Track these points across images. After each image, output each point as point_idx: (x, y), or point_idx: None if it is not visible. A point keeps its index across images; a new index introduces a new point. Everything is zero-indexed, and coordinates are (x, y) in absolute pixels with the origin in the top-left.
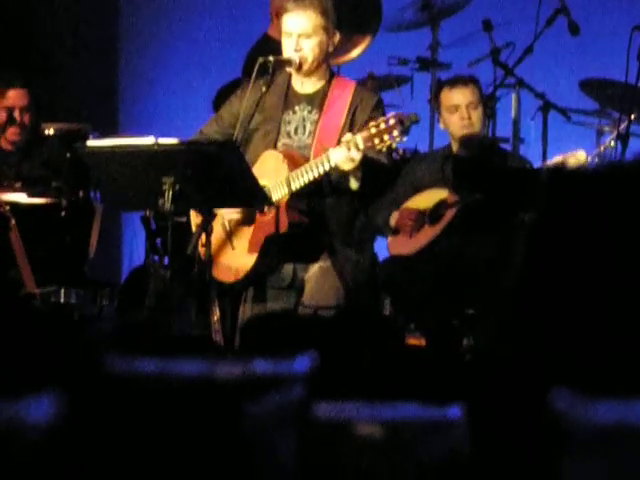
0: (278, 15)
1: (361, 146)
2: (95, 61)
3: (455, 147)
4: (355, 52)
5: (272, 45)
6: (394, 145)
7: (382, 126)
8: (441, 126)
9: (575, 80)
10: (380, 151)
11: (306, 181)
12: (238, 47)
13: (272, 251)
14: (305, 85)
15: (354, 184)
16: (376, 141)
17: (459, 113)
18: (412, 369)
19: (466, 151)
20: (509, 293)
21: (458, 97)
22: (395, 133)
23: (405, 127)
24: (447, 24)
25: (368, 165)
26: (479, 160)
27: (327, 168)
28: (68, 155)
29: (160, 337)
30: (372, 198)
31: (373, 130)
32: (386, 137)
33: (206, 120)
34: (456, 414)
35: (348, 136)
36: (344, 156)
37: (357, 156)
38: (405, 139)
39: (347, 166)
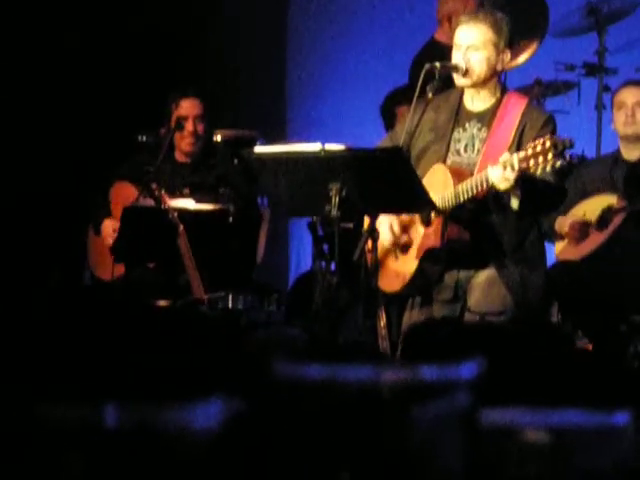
0: (449, 20)
1: (516, 167)
2: (263, 69)
3: (623, 151)
4: (522, 58)
5: (439, 49)
6: (548, 168)
7: (538, 148)
8: (613, 127)
9: None
10: (547, 170)
11: (467, 197)
12: (403, 52)
13: (433, 261)
14: (476, 102)
15: (514, 203)
16: (531, 162)
17: (624, 110)
18: (579, 375)
19: (635, 154)
20: None
21: (626, 95)
22: (549, 156)
23: (559, 151)
24: (614, 29)
25: (532, 184)
26: None
27: (484, 186)
28: (236, 162)
29: (327, 343)
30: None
31: (530, 151)
32: (540, 159)
33: (373, 125)
34: (623, 421)
35: (506, 155)
36: (500, 175)
37: (511, 176)
38: (559, 163)
39: (502, 185)
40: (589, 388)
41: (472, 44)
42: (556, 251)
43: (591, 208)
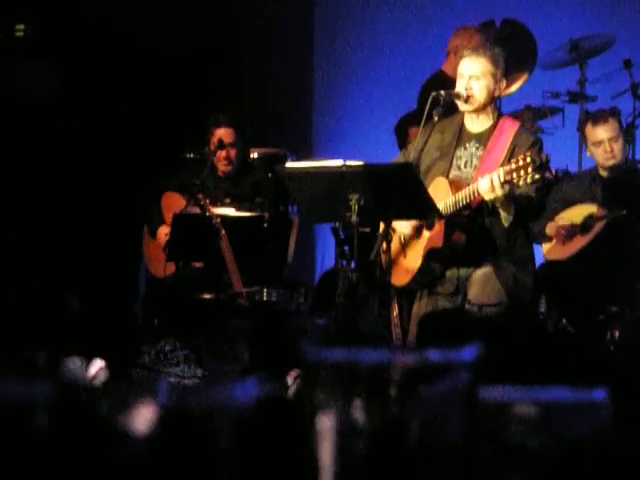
0: (455, 52)
1: (502, 178)
2: (293, 96)
3: (601, 170)
4: (514, 87)
5: (444, 80)
6: (529, 180)
7: (520, 163)
8: (588, 154)
9: None
10: (528, 181)
11: (462, 204)
12: (416, 81)
13: (435, 259)
14: (475, 125)
15: (504, 219)
16: (514, 175)
17: (602, 147)
18: (562, 357)
19: (611, 174)
20: None
21: (601, 133)
22: (529, 169)
23: (537, 165)
24: (593, 62)
25: (517, 201)
26: (623, 180)
27: (476, 195)
28: (270, 175)
29: (348, 330)
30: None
31: (513, 165)
32: (522, 173)
33: (388, 143)
34: (601, 397)
35: (494, 171)
36: (486, 186)
37: (497, 187)
38: (538, 176)
39: (487, 196)
40: (572, 368)
41: (474, 74)
42: (544, 251)
43: (574, 215)
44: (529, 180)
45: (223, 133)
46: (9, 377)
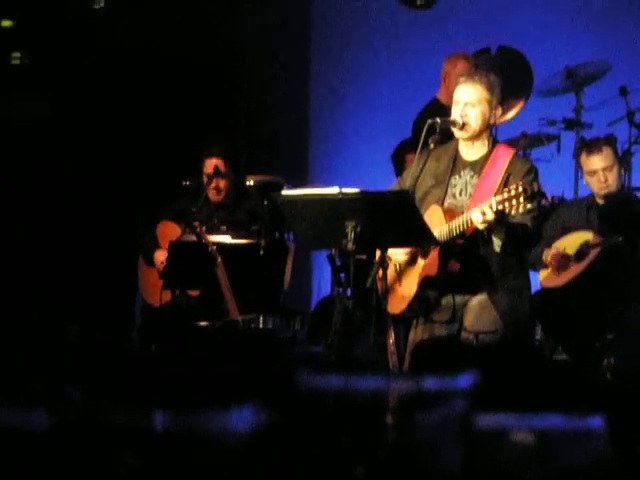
0: (445, 80)
1: (494, 208)
2: (290, 123)
3: (597, 198)
4: (510, 114)
5: (439, 107)
6: (521, 209)
7: (512, 192)
8: (584, 182)
9: None
10: (520, 211)
11: (456, 233)
12: (412, 107)
13: (431, 287)
14: (470, 152)
15: (496, 245)
16: (506, 204)
17: (597, 177)
18: (559, 385)
19: (607, 201)
20: None
21: (595, 163)
22: (521, 199)
23: (528, 194)
24: (589, 90)
25: (512, 229)
26: (618, 208)
27: (469, 224)
28: (266, 203)
29: (344, 358)
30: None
31: (506, 195)
32: (514, 202)
33: (384, 170)
34: (597, 424)
35: (487, 200)
36: (479, 216)
37: (490, 216)
38: (530, 205)
39: (480, 225)
40: (568, 396)
41: (469, 101)
42: (540, 278)
43: (571, 242)
44: (521, 210)
45: (214, 163)
46: (7, 406)
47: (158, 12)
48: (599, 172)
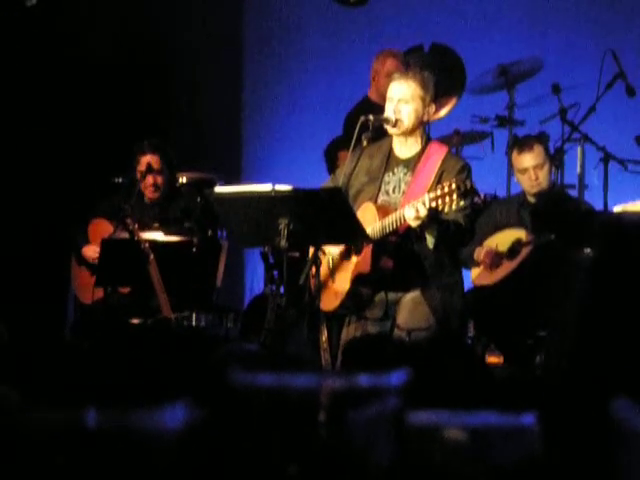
0: (374, 78)
1: (427, 205)
2: (223, 120)
3: (529, 196)
4: (443, 112)
5: (370, 106)
6: (454, 206)
7: (445, 189)
8: (515, 180)
9: (632, 135)
10: (458, 211)
11: (389, 230)
12: (345, 105)
13: (364, 284)
14: (403, 150)
15: (430, 242)
16: (439, 202)
17: (528, 175)
18: (491, 382)
19: (538, 199)
20: (575, 318)
21: (526, 161)
22: (454, 196)
23: (461, 192)
24: (522, 87)
25: (445, 226)
26: (550, 206)
27: (402, 222)
28: (199, 200)
29: (276, 355)
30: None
31: (439, 192)
32: (447, 199)
33: (316, 168)
34: (530, 422)
35: (420, 198)
36: (412, 214)
37: (423, 213)
38: (463, 203)
39: (413, 223)
40: (501, 393)
41: (402, 98)
42: (472, 276)
43: (503, 240)
44: (454, 207)
45: (149, 160)
46: None
47: (90, 8)
48: (530, 170)
